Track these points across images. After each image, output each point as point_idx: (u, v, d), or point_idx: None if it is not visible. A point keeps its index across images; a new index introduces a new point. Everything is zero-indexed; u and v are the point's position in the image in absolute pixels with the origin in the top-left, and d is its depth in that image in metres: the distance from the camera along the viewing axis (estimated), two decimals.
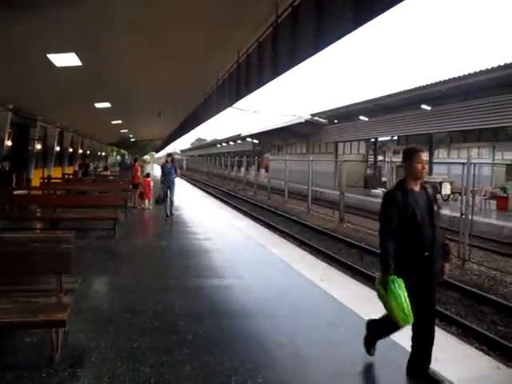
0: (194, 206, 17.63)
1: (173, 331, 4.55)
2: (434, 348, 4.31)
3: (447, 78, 20.45)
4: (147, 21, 8.10)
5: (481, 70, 18.32)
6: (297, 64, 7.94)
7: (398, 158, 41.52)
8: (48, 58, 9.31)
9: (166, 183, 12.95)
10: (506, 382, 3.78)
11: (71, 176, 24.80)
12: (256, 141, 53.24)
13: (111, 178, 22.31)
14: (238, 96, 11.79)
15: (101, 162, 48.13)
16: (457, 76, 19.74)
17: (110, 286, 6.42)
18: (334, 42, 6.62)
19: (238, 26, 8.90)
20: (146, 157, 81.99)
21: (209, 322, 4.83)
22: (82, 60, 9.60)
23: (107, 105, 16.78)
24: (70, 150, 29.68)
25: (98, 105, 16.64)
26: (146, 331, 4.54)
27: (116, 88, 14.10)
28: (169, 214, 12.85)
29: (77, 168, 29.85)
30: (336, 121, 33.19)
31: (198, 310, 5.17)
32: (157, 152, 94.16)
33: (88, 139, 36.56)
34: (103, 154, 53.46)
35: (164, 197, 12.92)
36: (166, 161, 13.40)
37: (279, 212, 20.76)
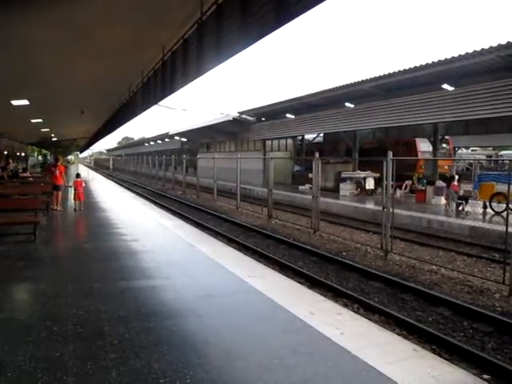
0: (121, 206, 17.15)
1: (98, 336, 4.40)
2: (357, 336, 4.50)
3: (369, 78, 21.37)
4: (67, 16, 7.80)
5: (399, 71, 19.35)
6: (222, 61, 7.96)
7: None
8: None
9: None
10: (421, 362, 4.00)
11: None
12: (184, 139, 52.79)
13: (31, 179, 21.18)
14: (164, 94, 11.61)
15: (20, 163, 45.56)
16: (377, 75, 20.71)
17: (30, 293, 6.09)
18: (258, 40, 6.69)
19: (162, 23, 8.77)
20: (71, 157, 78.93)
21: (136, 324, 4.71)
22: None
23: (25, 102, 15.94)
24: None
25: (14, 102, 15.77)
26: (68, 339, 4.36)
27: (34, 84, 13.42)
28: None
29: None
30: (263, 119, 33.60)
31: (125, 313, 5.04)
32: (81, 152, 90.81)
33: (5, 139, 34.53)
34: (23, 154, 50.72)
35: None
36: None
37: (208, 210, 20.70)
